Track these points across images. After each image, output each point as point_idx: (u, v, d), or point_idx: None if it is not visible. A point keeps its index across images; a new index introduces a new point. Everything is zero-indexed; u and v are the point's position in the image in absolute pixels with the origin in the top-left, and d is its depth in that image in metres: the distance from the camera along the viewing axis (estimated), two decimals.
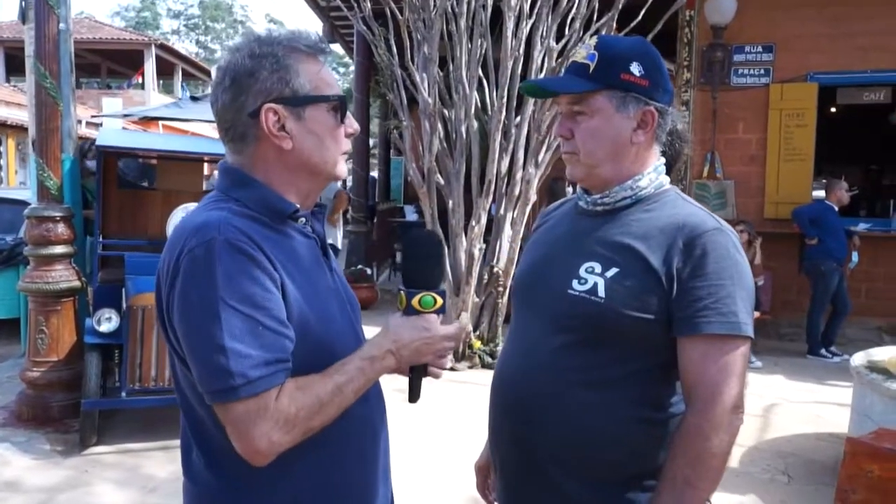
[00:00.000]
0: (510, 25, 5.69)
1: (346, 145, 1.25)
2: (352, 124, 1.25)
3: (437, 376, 1.29)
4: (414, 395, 1.31)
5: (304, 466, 1.17)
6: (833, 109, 8.89)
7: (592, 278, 1.30)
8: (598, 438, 1.29)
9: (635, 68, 1.32)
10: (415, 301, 1.22)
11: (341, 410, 1.14)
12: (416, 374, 1.29)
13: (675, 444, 1.24)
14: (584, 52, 1.36)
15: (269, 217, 1.17)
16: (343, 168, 1.26)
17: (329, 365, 1.14)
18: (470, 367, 5.85)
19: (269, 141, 1.17)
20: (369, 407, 1.27)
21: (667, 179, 1.40)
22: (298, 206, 1.21)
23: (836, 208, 6.60)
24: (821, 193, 6.95)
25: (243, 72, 1.16)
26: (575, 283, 1.31)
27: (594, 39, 1.37)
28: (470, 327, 6.02)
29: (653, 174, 1.37)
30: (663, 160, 1.41)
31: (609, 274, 1.29)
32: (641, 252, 1.29)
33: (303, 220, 1.22)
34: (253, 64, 1.16)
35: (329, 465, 1.20)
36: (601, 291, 1.28)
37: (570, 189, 6.68)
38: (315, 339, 1.15)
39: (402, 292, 1.24)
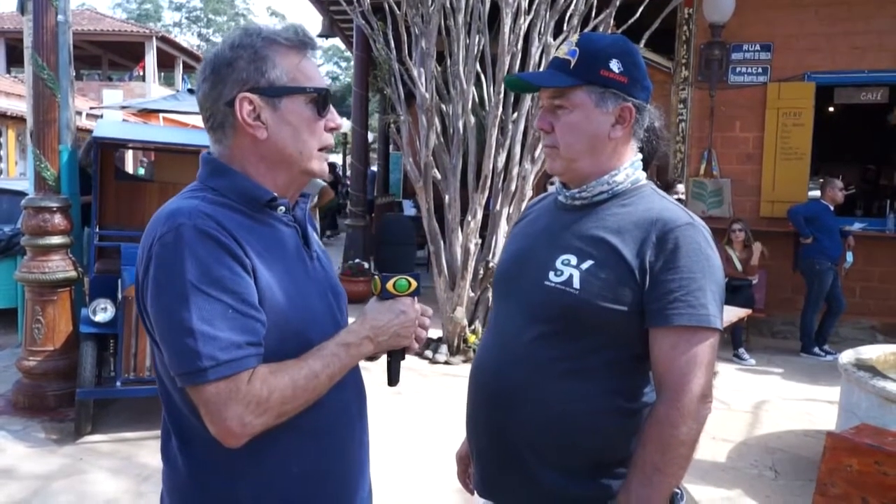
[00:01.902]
0: (508, 21, 5.70)
1: (327, 139, 1.25)
2: (333, 118, 1.25)
3: (411, 350, 1.31)
4: (392, 378, 1.33)
5: (276, 453, 1.18)
6: (831, 109, 8.90)
7: (568, 270, 1.33)
8: (573, 427, 1.33)
9: (615, 65, 1.35)
10: (389, 285, 1.24)
11: (317, 396, 1.15)
12: (395, 357, 1.31)
13: (645, 432, 1.27)
14: (565, 47, 1.39)
15: (245, 205, 1.19)
16: (319, 165, 1.25)
17: (303, 351, 1.16)
18: (464, 362, 5.88)
19: (245, 130, 1.19)
20: (346, 396, 1.28)
21: (643, 175, 1.43)
22: (276, 194, 1.22)
23: (832, 207, 6.63)
24: (817, 193, 6.96)
25: (222, 62, 1.19)
26: (551, 274, 1.34)
27: (576, 36, 1.40)
28: (465, 321, 6.05)
29: (629, 169, 1.40)
30: (640, 156, 1.44)
31: (584, 266, 1.32)
32: (616, 245, 1.32)
33: (282, 208, 1.23)
34: (232, 54, 1.19)
35: (302, 452, 1.20)
36: (576, 283, 1.31)
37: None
38: (289, 326, 1.16)
39: (376, 277, 1.26)
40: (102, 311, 4.09)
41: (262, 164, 1.22)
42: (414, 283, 1.25)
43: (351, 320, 1.29)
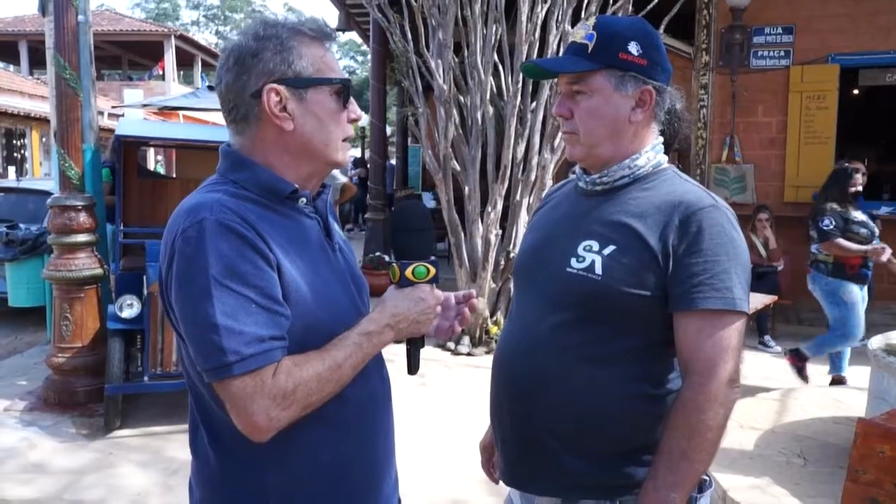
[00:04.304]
0: (525, 10, 5.67)
1: (349, 130, 1.26)
2: (354, 110, 1.26)
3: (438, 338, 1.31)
4: (412, 366, 1.32)
5: (303, 445, 1.18)
6: (855, 91, 8.73)
7: (590, 256, 1.31)
8: (597, 414, 1.31)
9: (633, 47, 1.33)
10: (408, 272, 1.23)
11: (340, 386, 1.15)
12: (415, 345, 1.31)
13: (672, 418, 1.26)
14: (582, 31, 1.37)
15: (267, 198, 1.19)
16: (343, 155, 1.26)
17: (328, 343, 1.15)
18: (487, 353, 5.88)
19: (271, 122, 1.19)
20: (371, 387, 1.28)
21: (665, 158, 1.41)
22: (297, 186, 1.22)
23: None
24: None
25: (247, 52, 1.18)
26: (573, 261, 1.33)
27: (593, 19, 1.38)
28: (487, 313, 6.05)
29: (651, 153, 1.38)
30: (661, 139, 1.42)
31: (606, 252, 1.31)
32: (638, 230, 1.30)
33: (303, 200, 1.23)
34: (257, 45, 1.18)
35: (330, 443, 1.21)
36: (598, 269, 1.29)
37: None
38: (313, 319, 1.15)
39: (394, 265, 1.25)
40: (129, 308, 4.14)
41: (287, 156, 1.21)
42: (433, 270, 1.25)
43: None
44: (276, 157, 1.21)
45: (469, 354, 5.89)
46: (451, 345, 6.00)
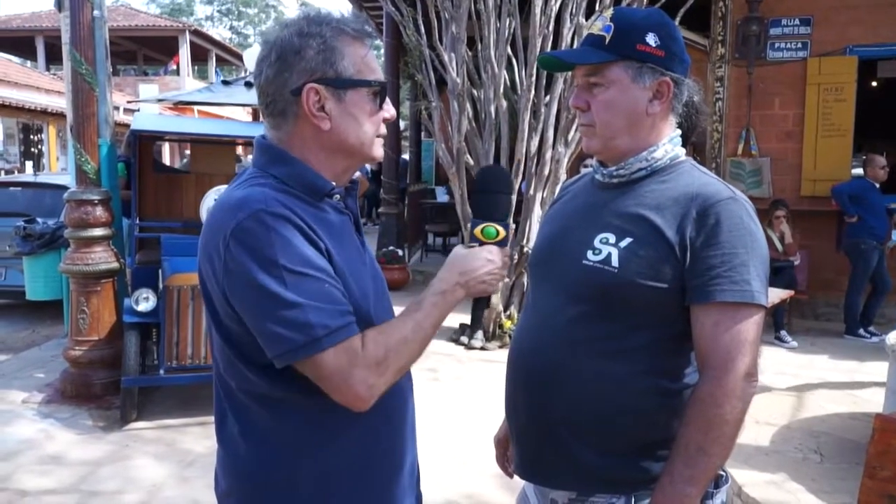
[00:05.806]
0: (539, 2, 5.63)
1: (383, 129, 1.27)
2: (389, 110, 1.27)
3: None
4: (476, 325, 1.36)
5: (333, 435, 1.19)
6: (874, 83, 8.62)
7: (606, 249, 1.30)
8: (613, 408, 1.31)
9: (651, 39, 1.32)
10: (477, 231, 1.28)
11: (425, 346, 1.19)
12: (479, 305, 1.34)
13: (688, 412, 1.24)
14: (600, 23, 1.36)
15: (307, 194, 1.20)
16: (379, 150, 1.28)
17: None
18: (500, 347, 5.87)
19: (308, 120, 1.19)
20: (400, 379, 1.27)
21: (682, 151, 1.39)
22: (334, 183, 1.23)
23: (877, 185, 6.46)
24: (861, 170, 6.77)
25: (290, 49, 1.18)
26: (589, 253, 1.32)
27: (610, 11, 1.37)
28: (500, 307, 6.04)
29: (668, 145, 1.37)
30: (679, 132, 1.40)
31: (623, 244, 1.30)
32: (655, 222, 1.29)
33: (337, 196, 1.25)
34: (300, 42, 1.18)
35: (358, 433, 1.22)
36: (615, 261, 1.28)
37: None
38: (356, 311, 1.16)
39: (470, 224, 1.30)
40: (144, 301, 4.17)
41: (323, 153, 1.23)
42: (502, 232, 1.28)
43: (396, 310, 1.31)
44: (312, 154, 1.22)
45: (482, 349, 5.89)
46: (464, 339, 5.99)
